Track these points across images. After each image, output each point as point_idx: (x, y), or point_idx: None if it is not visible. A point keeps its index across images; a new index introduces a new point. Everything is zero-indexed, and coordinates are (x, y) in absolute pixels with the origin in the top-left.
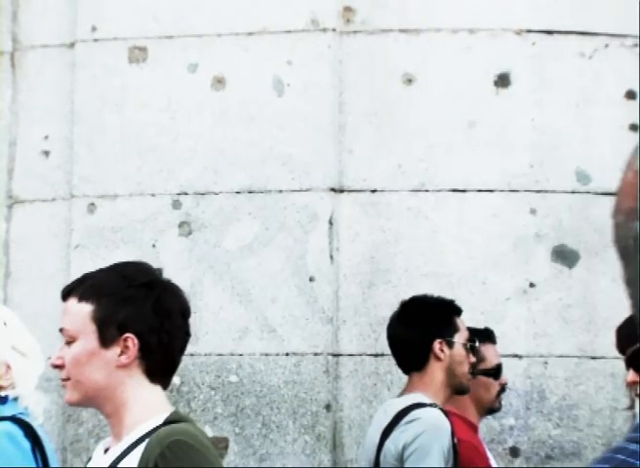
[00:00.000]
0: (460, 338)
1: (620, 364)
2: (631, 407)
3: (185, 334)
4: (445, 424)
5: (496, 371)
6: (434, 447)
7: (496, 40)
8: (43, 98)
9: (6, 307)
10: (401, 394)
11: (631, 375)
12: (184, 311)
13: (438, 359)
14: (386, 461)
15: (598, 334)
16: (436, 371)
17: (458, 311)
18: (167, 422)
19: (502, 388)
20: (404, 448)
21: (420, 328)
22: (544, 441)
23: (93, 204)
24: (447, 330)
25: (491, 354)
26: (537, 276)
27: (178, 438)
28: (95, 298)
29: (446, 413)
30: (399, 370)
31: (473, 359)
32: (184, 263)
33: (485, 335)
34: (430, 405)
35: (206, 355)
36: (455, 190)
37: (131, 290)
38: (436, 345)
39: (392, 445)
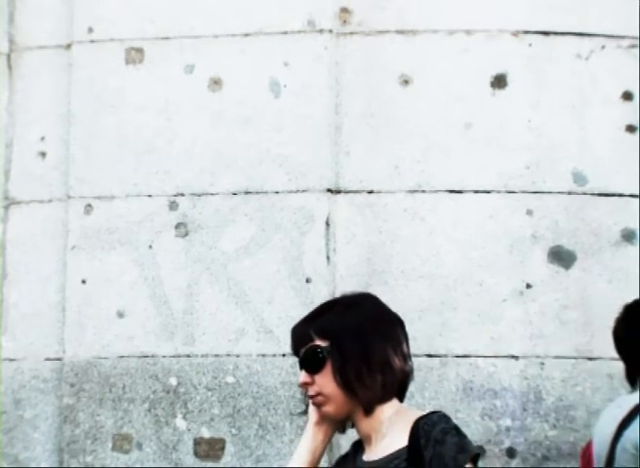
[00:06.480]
0: None
1: (618, 365)
2: (305, 411)
3: None
4: None
5: None
6: None
7: (492, 41)
8: (39, 100)
9: None
10: (632, 391)
11: (303, 376)
12: None
13: None
14: (624, 449)
15: (595, 335)
16: None
17: None
18: None
19: None
20: None
21: None
22: (541, 442)
23: (89, 205)
24: None
25: None
26: (533, 277)
27: None
28: None
29: None
30: None
31: None
32: (181, 264)
33: None
34: None
35: (202, 356)
36: (451, 191)
37: None
38: None
39: (632, 434)
